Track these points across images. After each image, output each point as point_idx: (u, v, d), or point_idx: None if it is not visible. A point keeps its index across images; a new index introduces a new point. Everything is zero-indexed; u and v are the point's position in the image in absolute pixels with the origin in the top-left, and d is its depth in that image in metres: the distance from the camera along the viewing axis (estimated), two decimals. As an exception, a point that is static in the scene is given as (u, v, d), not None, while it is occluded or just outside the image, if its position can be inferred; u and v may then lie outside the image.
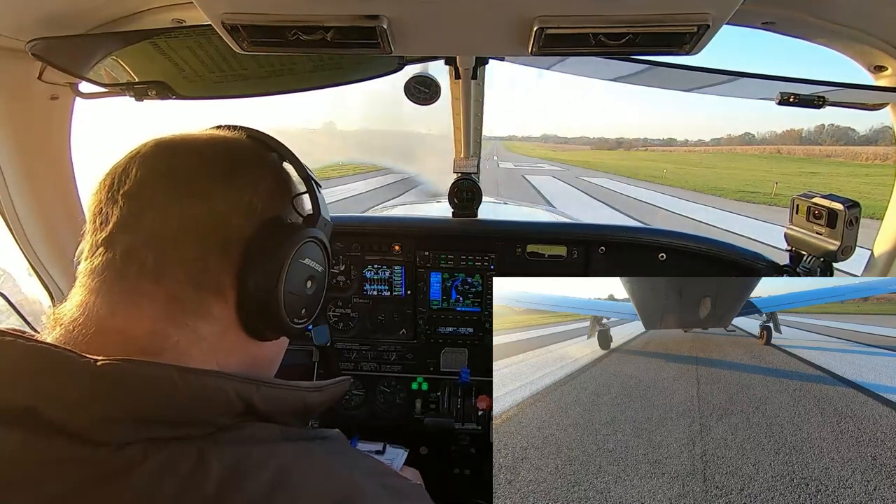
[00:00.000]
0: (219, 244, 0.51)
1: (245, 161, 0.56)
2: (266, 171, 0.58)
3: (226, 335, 0.52)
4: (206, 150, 0.55)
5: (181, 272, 0.50)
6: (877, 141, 61.53)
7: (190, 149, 0.55)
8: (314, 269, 0.58)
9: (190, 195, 0.51)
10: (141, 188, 0.51)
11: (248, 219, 0.53)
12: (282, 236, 0.54)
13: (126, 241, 0.49)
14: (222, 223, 0.51)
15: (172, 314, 0.49)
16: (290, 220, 0.58)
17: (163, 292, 0.49)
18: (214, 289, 0.51)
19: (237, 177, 0.54)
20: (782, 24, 0.95)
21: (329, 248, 0.62)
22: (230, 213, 0.52)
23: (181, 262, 0.50)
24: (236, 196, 0.53)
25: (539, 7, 0.58)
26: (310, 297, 0.59)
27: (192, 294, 0.50)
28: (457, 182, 1.72)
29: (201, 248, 0.50)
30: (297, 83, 1.21)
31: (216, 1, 0.58)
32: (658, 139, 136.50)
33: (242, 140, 0.60)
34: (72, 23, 0.96)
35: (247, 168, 0.56)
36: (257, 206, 0.54)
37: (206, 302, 0.51)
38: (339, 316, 1.79)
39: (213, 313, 0.51)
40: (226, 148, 0.57)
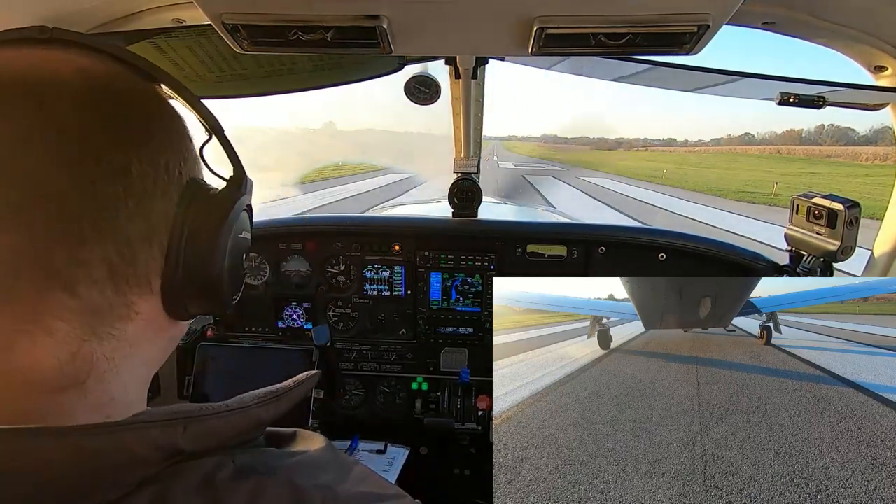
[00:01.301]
0: (143, 227, 0.40)
1: (147, 105, 0.43)
2: (164, 117, 0.44)
3: (149, 327, 0.43)
4: (82, 94, 0.39)
5: (101, 273, 0.38)
6: (877, 141, 61.52)
7: (61, 96, 0.38)
8: (246, 238, 0.50)
9: (84, 166, 0.37)
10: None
11: (165, 191, 0.41)
12: (212, 209, 0.44)
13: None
14: (138, 199, 0.39)
15: (92, 327, 0.38)
16: (205, 181, 0.47)
17: (79, 305, 0.37)
18: (141, 284, 0.41)
19: (136, 131, 0.41)
20: (782, 24, 0.95)
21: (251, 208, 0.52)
22: (142, 184, 0.39)
23: (95, 260, 0.37)
24: (144, 158, 0.40)
25: (539, 7, 0.58)
26: (244, 269, 0.52)
27: (115, 298, 0.39)
28: (457, 182, 1.72)
29: (122, 237, 0.38)
30: (297, 83, 1.21)
31: (216, 1, 0.58)
32: (658, 139, 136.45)
33: (123, 73, 0.43)
34: (72, 22, 0.96)
35: (145, 118, 0.42)
36: (169, 169, 0.41)
37: (129, 301, 0.40)
38: (339, 316, 1.79)
39: (139, 311, 0.41)
40: (107, 89, 0.41)
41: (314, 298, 1.76)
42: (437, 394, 1.76)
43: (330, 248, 1.74)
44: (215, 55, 1.00)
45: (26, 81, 0.38)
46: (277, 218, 1.81)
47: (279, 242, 1.73)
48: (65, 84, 0.39)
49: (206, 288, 0.45)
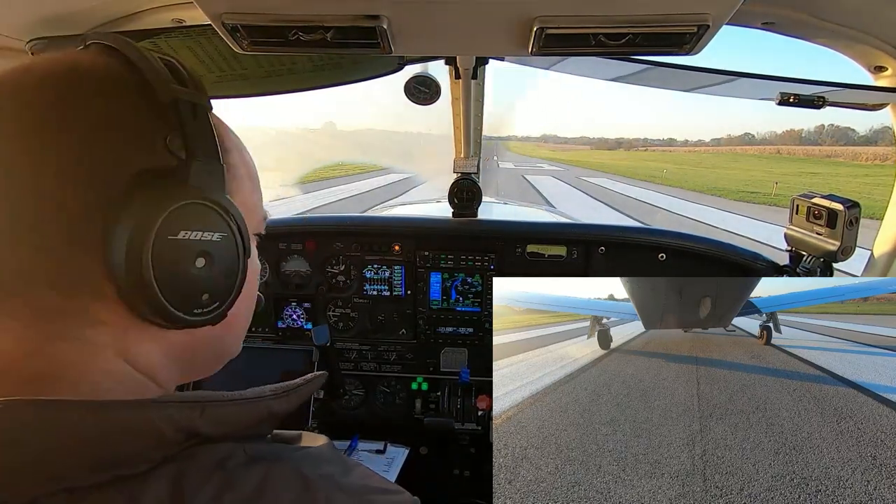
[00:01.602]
0: (68, 233, 0.38)
1: (77, 98, 0.40)
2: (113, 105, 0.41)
3: (132, 333, 0.41)
4: (17, 95, 0.39)
5: (37, 279, 0.38)
6: (877, 141, 61.55)
7: (7, 98, 0.39)
8: (202, 240, 0.42)
9: (5, 174, 0.37)
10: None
11: (97, 190, 0.38)
12: (137, 208, 0.38)
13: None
14: (61, 205, 0.37)
15: (45, 327, 0.38)
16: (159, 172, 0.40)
17: (21, 304, 0.38)
18: (86, 288, 0.39)
19: (66, 129, 0.38)
20: (782, 24, 0.95)
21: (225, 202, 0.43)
22: (67, 188, 0.37)
23: (21, 265, 0.38)
24: (68, 160, 0.38)
25: (539, 7, 0.58)
26: (208, 277, 0.42)
27: (58, 299, 0.38)
28: (457, 182, 1.72)
29: (42, 244, 0.38)
30: (297, 83, 1.21)
31: (216, 1, 0.58)
32: (658, 139, 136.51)
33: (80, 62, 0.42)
34: (72, 22, 0.96)
35: (80, 110, 0.39)
36: (105, 167, 0.39)
37: (83, 307, 0.39)
38: (339, 316, 1.79)
39: (99, 318, 0.40)
40: (49, 84, 0.40)
41: (314, 298, 1.76)
42: (437, 394, 1.76)
43: (330, 248, 1.74)
44: (215, 55, 1.00)
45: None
46: (277, 218, 1.81)
47: (279, 242, 1.73)
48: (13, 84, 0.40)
49: (140, 290, 0.39)
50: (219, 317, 0.44)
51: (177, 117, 0.41)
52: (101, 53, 0.43)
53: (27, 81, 0.40)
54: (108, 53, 0.43)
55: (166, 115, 0.41)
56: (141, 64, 0.42)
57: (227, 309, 0.45)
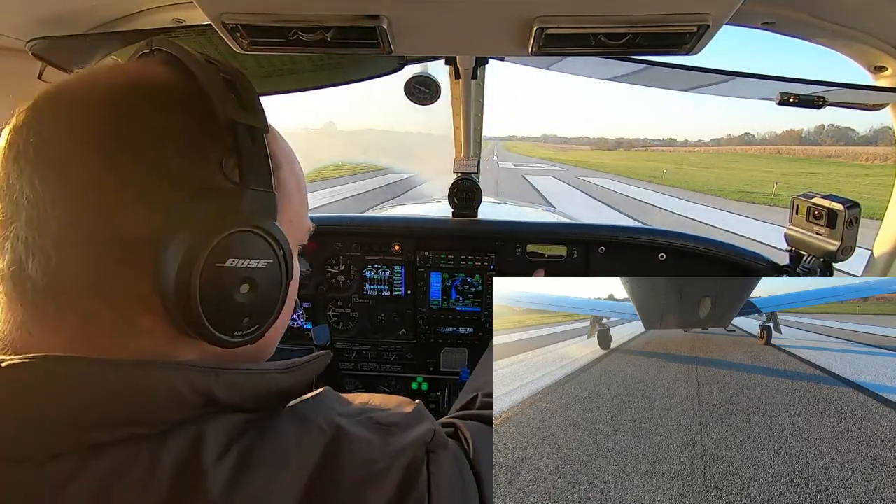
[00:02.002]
0: (119, 249, 0.39)
1: (137, 115, 0.40)
2: (174, 123, 0.41)
3: (174, 342, 0.42)
4: (81, 111, 0.40)
5: (80, 286, 0.39)
6: (877, 141, 61.54)
7: (61, 114, 0.40)
8: (248, 267, 0.42)
9: (63, 186, 0.38)
10: (8, 182, 0.39)
11: (151, 207, 0.39)
12: (190, 233, 0.39)
13: (9, 251, 0.39)
14: (112, 221, 0.38)
15: (91, 334, 0.39)
16: (213, 195, 0.41)
17: (70, 311, 0.39)
18: (133, 301, 0.40)
19: (125, 147, 0.39)
20: (782, 24, 0.95)
21: (274, 231, 0.44)
22: (122, 204, 0.38)
23: (74, 275, 0.39)
24: (126, 176, 0.39)
25: (539, 7, 0.58)
26: (249, 304, 0.43)
27: (108, 310, 0.39)
28: (457, 182, 1.72)
29: (95, 255, 0.39)
30: (297, 83, 1.21)
31: (216, 1, 0.58)
32: (658, 139, 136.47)
33: (143, 76, 0.43)
34: (72, 22, 0.96)
35: (141, 127, 0.40)
36: (160, 185, 0.39)
37: (126, 317, 0.40)
38: (339, 316, 1.79)
39: (141, 327, 0.41)
40: (110, 99, 0.41)
41: (314, 298, 1.76)
42: (437, 394, 1.76)
43: (330, 248, 1.74)
44: (215, 55, 1.00)
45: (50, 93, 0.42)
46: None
47: None
48: (75, 97, 0.41)
49: (185, 311, 0.39)
50: (257, 338, 0.45)
51: (234, 140, 0.42)
52: (163, 64, 0.44)
53: (92, 97, 0.41)
54: (169, 62, 0.44)
55: (224, 137, 0.42)
56: (203, 80, 0.42)
57: (265, 331, 0.46)
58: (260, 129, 0.44)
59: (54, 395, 0.35)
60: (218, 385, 0.40)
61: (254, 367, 0.44)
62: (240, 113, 0.42)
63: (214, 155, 0.41)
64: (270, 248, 0.44)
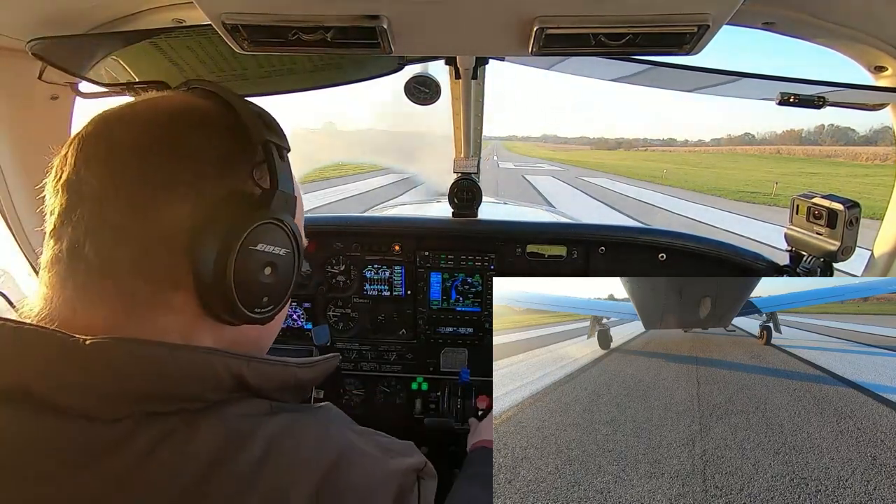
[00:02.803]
0: (162, 236, 0.47)
1: (188, 131, 0.51)
2: (215, 139, 0.51)
3: (195, 322, 0.50)
4: (144, 126, 0.50)
5: (128, 266, 0.47)
6: (877, 141, 61.57)
7: (127, 127, 0.50)
8: (273, 253, 0.52)
9: (124, 184, 0.47)
10: (77, 177, 0.48)
11: (194, 203, 0.48)
12: (227, 221, 0.49)
13: (68, 235, 0.47)
14: (163, 213, 0.47)
15: (129, 309, 0.47)
16: (246, 196, 0.52)
17: (114, 289, 0.47)
18: (169, 281, 0.48)
19: (178, 153, 0.49)
20: (782, 24, 0.95)
21: (293, 226, 0.55)
22: (171, 199, 0.48)
23: (124, 257, 0.47)
24: (176, 177, 0.48)
25: (539, 7, 0.58)
26: (270, 284, 0.53)
27: (146, 288, 0.47)
28: (457, 182, 1.72)
29: (143, 241, 0.47)
30: (297, 83, 1.21)
31: (216, 1, 0.58)
32: (658, 139, 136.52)
33: (192, 103, 0.54)
34: (72, 22, 0.96)
35: (190, 140, 0.50)
36: (203, 186, 0.49)
37: (162, 295, 0.48)
38: (339, 316, 1.79)
39: (173, 305, 0.49)
40: (168, 117, 0.51)
41: (314, 298, 1.76)
42: (437, 394, 1.75)
43: (330, 248, 1.74)
44: (215, 55, 1.00)
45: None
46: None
47: None
48: (132, 120, 0.51)
49: (221, 297, 0.49)
50: (270, 318, 0.54)
51: (265, 155, 0.52)
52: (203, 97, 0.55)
53: (152, 115, 0.51)
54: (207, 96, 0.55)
55: (255, 153, 0.53)
56: (239, 109, 0.53)
57: (277, 312, 0.55)
58: (285, 148, 0.55)
59: (123, 371, 0.43)
60: (249, 370, 0.48)
61: (276, 359, 0.52)
62: (270, 135, 0.53)
63: (246, 166, 0.52)
64: (289, 239, 0.54)
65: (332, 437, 0.51)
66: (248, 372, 0.48)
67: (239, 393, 0.48)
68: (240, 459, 0.43)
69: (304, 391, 0.55)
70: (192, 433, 0.43)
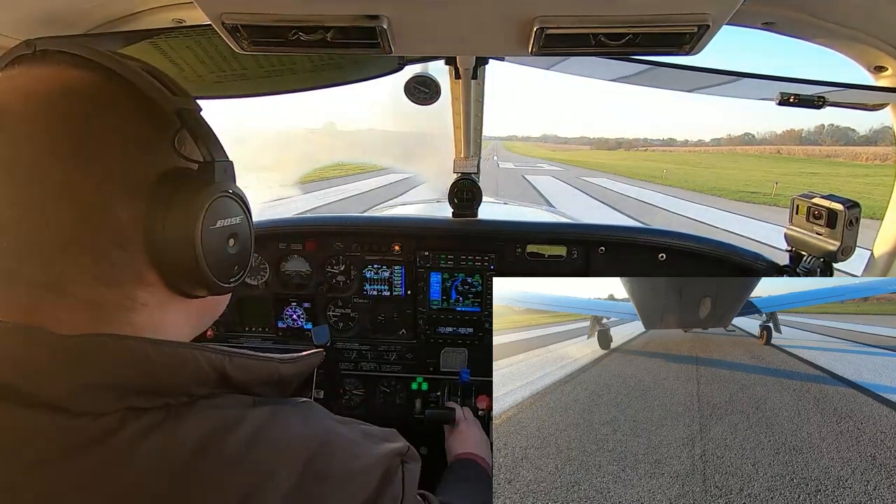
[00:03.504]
0: (114, 239, 0.44)
1: (88, 118, 0.44)
2: (121, 118, 0.46)
3: (165, 308, 0.50)
4: (28, 124, 0.43)
5: (88, 280, 0.44)
6: (877, 141, 61.57)
7: (22, 127, 0.43)
8: (231, 225, 0.52)
9: (43, 197, 0.42)
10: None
11: (132, 196, 0.45)
12: (180, 207, 0.46)
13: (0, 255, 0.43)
14: (104, 215, 0.44)
15: (100, 318, 0.45)
16: (180, 172, 0.48)
17: (75, 303, 0.44)
18: (134, 280, 0.47)
19: (89, 148, 0.43)
20: (782, 24, 0.95)
21: (239, 192, 0.53)
22: (105, 200, 0.44)
23: (81, 271, 0.44)
24: (100, 175, 0.43)
25: (539, 7, 0.58)
26: (237, 253, 0.53)
27: (112, 294, 0.46)
28: (457, 182, 1.72)
29: (95, 250, 0.44)
30: (297, 83, 1.21)
31: (216, 1, 0.58)
32: (658, 139, 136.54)
33: (70, 81, 0.45)
34: (72, 22, 0.96)
35: (95, 128, 0.44)
36: (133, 175, 0.45)
37: (128, 295, 0.47)
38: (339, 316, 1.79)
39: (140, 301, 0.48)
40: (55, 108, 0.44)
41: (314, 298, 1.76)
42: (437, 394, 1.75)
43: (330, 248, 1.74)
44: (215, 55, 1.00)
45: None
46: (277, 218, 1.81)
47: (279, 242, 1.73)
48: (15, 111, 0.44)
49: (193, 279, 0.49)
50: (239, 281, 0.55)
51: (184, 124, 0.48)
52: (73, 66, 0.46)
53: (30, 110, 0.44)
54: (77, 64, 0.46)
55: (169, 123, 0.48)
56: (130, 76, 0.47)
57: (245, 275, 0.55)
58: (196, 110, 0.51)
59: (107, 365, 0.42)
60: (230, 365, 0.48)
61: (258, 354, 0.52)
62: (177, 99, 0.48)
63: (164, 139, 0.48)
64: (240, 207, 0.53)
65: (316, 425, 0.52)
66: (230, 367, 0.48)
67: (222, 388, 0.48)
68: (226, 445, 0.44)
69: (286, 386, 0.55)
70: (178, 425, 0.43)
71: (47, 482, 0.40)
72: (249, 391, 0.50)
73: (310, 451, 0.48)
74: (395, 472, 0.53)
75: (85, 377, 0.42)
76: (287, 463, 0.46)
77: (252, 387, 0.51)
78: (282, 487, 0.44)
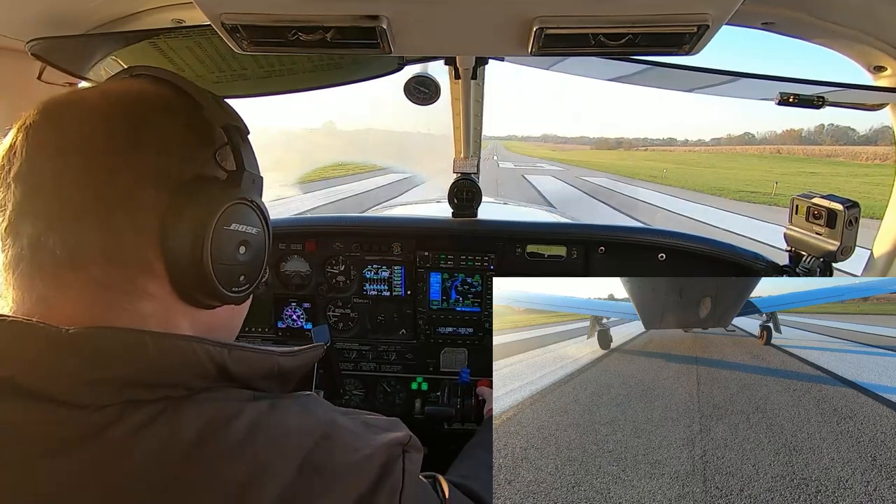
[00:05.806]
0: (131, 221, 0.47)
1: (148, 117, 0.50)
2: (177, 124, 0.51)
3: (172, 308, 0.50)
4: (99, 112, 0.49)
5: (98, 256, 0.46)
6: (877, 141, 61.60)
7: (81, 114, 0.49)
8: (246, 232, 0.53)
9: (86, 170, 0.46)
10: (31, 168, 0.46)
11: (159, 187, 0.48)
12: (199, 204, 0.49)
13: (29, 230, 0.46)
14: (129, 197, 0.47)
15: (106, 300, 0.47)
16: (212, 178, 0.52)
17: (86, 279, 0.46)
18: (142, 267, 0.48)
19: (139, 140, 0.48)
20: (782, 24, 0.95)
21: (262, 205, 0.56)
22: (137, 185, 0.47)
23: (94, 245, 0.46)
24: (140, 163, 0.48)
25: (539, 7, 0.58)
26: (246, 263, 0.54)
27: (119, 276, 0.47)
28: (457, 182, 1.72)
29: (111, 227, 0.47)
30: (297, 83, 1.21)
31: (216, 1, 0.58)
32: (658, 139, 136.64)
33: (146, 90, 0.53)
34: (72, 23, 0.96)
35: (151, 126, 0.50)
36: (168, 171, 0.49)
37: (136, 281, 0.48)
38: (339, 316, 1.79)
39: (149, 291, 0.49)
40: (124, 105, 0.50)
41: (314, 298, 1.76)
42: (437, 394, 1.76)
43: (330, 248, 1.74)
44: (215, 55, 1.00)
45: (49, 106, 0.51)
46: (277, 218, 1.80)
47: (279, 243, 1.74)
48: (91, 101, 0.50)
49: (197, 278, 0.50)
50: (246, 297, 0.56)
51: (229, 138, 0.54)
52: (155, 82, 0.54)
53: (107, 104, 0.50)
54: (158, 82, 0.54)
55: (216, 136, 0.54)
56: (195, 94, 0.54)
57: (253, 290, 0.56)
58: (245, 130, 0.56)
59: (107, 358, 0.43)
60: (230, 359, 0.48)
61: (258, 347, 0.52)
62: (229, 118, 0.54)
63: (209, 150, 0.53)
64: (259, 218, 0.55)
65: (316, 416, 0.52)
66: (230, 360, 0.48)
67: (222, 382, 0.48)
68: (225, 436, 0.44)
69: (287, 381, 0.55)
70: (177, 417, 0.44)
71: (48, 474, 0.40)
72: (251, 386, 0.51)
73: (309, 443, 0.48)
74: (395, 462, 0.53)
75: (85, 370, 0.42)
76: (285, 455, 0.46)
77: (253, 381, 0.51)
78: (280, 479, 0.45)
